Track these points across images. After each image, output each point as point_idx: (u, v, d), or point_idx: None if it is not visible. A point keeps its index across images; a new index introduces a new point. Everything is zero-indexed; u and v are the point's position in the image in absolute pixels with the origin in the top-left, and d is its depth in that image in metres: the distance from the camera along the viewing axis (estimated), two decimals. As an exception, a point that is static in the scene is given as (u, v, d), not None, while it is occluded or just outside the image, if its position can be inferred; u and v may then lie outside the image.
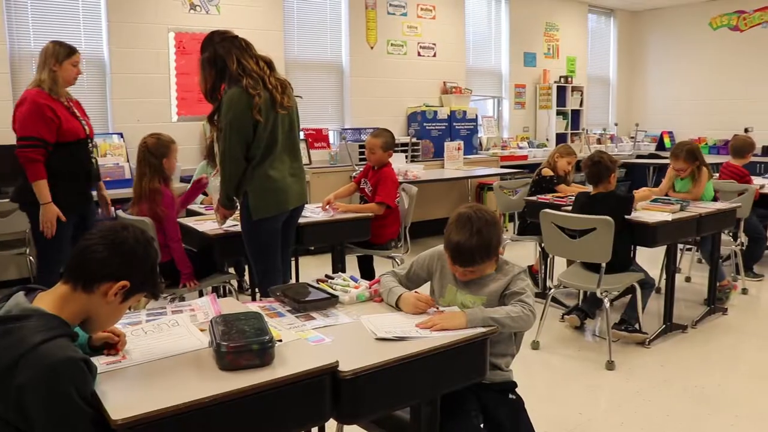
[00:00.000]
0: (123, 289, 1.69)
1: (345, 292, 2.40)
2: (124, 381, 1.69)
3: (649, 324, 4.44)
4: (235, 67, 3.33)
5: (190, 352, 1.85)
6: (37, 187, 3.85)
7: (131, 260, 1.70)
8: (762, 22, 9.86)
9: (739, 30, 10.09)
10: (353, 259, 4.91)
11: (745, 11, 9.99)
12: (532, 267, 5.60)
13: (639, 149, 10.61)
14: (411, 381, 1.93)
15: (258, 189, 3.46)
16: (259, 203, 3.46)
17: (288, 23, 7.17)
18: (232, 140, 3.34)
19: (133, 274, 1.71)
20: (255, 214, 3.46)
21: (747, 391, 3.65)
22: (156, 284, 1.81)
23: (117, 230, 1.73)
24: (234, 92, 3.32)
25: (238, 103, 3.30)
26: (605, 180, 4.22)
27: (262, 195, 3.46)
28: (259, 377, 1.68)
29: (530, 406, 3.20)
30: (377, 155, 4.71)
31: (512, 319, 2.18)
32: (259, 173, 3.45)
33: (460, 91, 8.46)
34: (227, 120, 3.32)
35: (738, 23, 10.10)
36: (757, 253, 6.00)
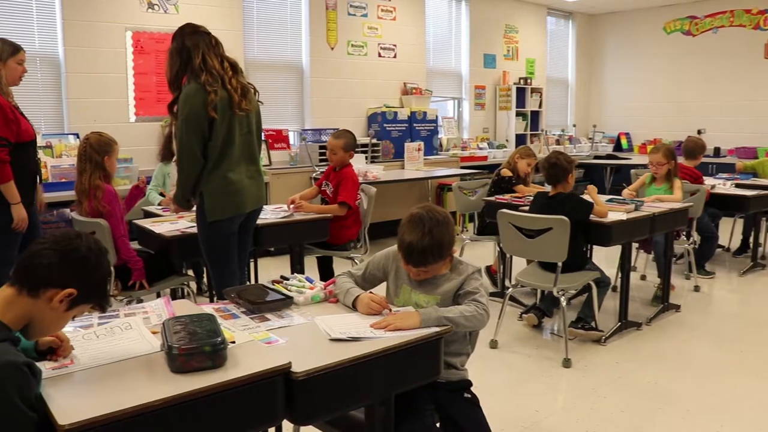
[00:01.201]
0: (69, 297, 1.66)
1: (300, 293, 2.40)
2: (71, 385, 1.66)
3: (605, 322, 4.52)
4: (198, 61, 3.32)
5: (142, 356, 1.83)
6: (8, 188, 3.78)
7: (80, 269, 1.67)
8: (713, 27, 10.11)
9: (691, 35, 10.33)
10: (314, 260, 4.91)
11: (697, 17, 10.22)
12: (491, 267, 5.66)
13: (597, 150, 10.79)
14: (365, 381, 1.94)
15: (214, 190, 3.42)
16: (215, 205, 3.43)
17: (248, 23, 7.12)
18: (188, 137, 3.32)
19: (81, 284, 1.67)
20: (210, 216, 3.43)
21: (697, 386, 3.74)
22: (105, 297, 1.78)
23: (71, 238, 1.70)
24: (191, 88, 3.31)
25: (194, 98, 3.28)
26: (563, 180, 4.28)
27: (217, 197, 3.43)
28: (211, 379, 1.67)
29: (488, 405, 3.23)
30: (339, 156, 4.71)
31: (466, 318, 2.20)
32: (215, 175, 3.41)
33: (420, 92, 8.50)
34: (183, 117, 3.30)
35: (690, 28, 10.33)
36: (709, 252, 6.15)
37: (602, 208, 4.26)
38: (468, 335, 2.48)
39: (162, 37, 6.42)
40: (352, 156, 4.80)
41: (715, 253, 6.45)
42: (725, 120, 9.97)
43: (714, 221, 6.22)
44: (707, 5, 10.06)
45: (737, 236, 6.96)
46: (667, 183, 5.30)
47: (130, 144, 6.02)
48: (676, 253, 6.20)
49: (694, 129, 10.08)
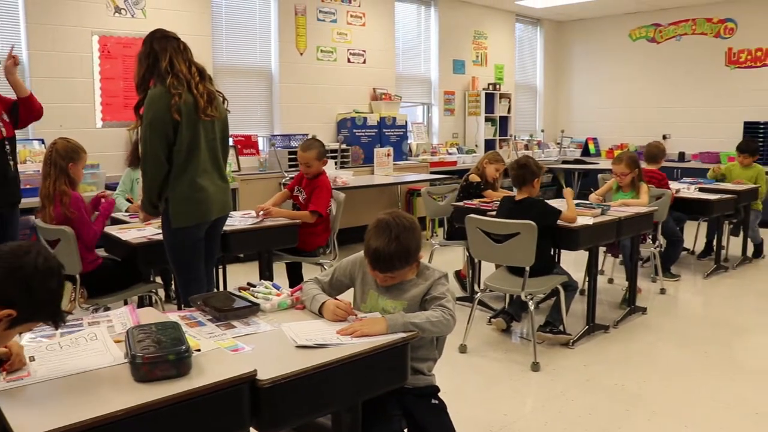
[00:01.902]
0: (8, 317, 1.59)
1: (266, 300, 2.39)
2: (29, 398, 1.63)
3: (573, 325, 4.56)
4: (165, 64, 3.31)
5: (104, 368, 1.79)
6: None
7: (24, 289, 1.59)
8: (676, 35, 10.28)
9: (656, 42, 10.50)
10: (283, 266, 4.88)
11: (661, 24, 10.40)
12: (460, 271, 5.68)
13: (565, 155, 10.90)
14: (332, 388, 1.93)
15: (179, 197, 3.40)
16: (180, 211, 3.40)
17: (216, 28, 7.08)
18: (152, 140, 3.29)
19: (24, 303, 1.59)
20: (175, 222, 3.40)
21: (663, 387, 3.79)
22: (54, 315, 1.69)
23: (19, 254, 1.62)
24: (156, 91, 3.29)
25: (159, 102, 3.27)
26: (529, 183, 4.31)
27: (183, 203, 3.40)
28: (175, 388, 1.65)
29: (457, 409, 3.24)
30: (314, 167, 4.69)
31: (432, 323, 2.20)
32: (181, 180, 3.39)
33: (389, 97, 8.52)
34: (147, 120, 3.29)
35: (655, 35, 10.50)
36: (674, 255, 6.24)
37: (572, 214, 4.30)
38: (435, 341, 2.49)
39: (129, 42, 6.35)
40: (325, 163, 4.80)
41: (681, 256, 6.55)
42: (689, 125, 10.15)
43: (679, 225, 6.32)
44: (671, 13, 10.24)
45: (702, 239, 7.08)
46: (634, 189, 5.38)
47: (97, 150, 5.94)
48: (643, 257, 6.31)
49: (659, 134, 10.25)
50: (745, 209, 6.68)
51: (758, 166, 6.98)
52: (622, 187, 5.45)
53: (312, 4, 7.84)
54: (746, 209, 6.69)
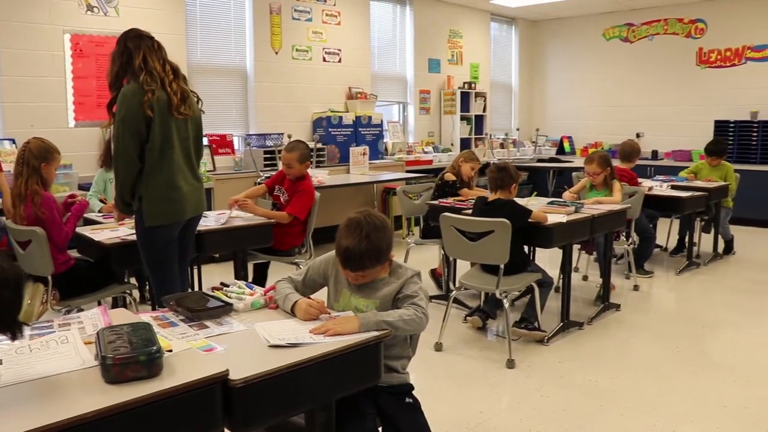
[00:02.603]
0: None
1: (240, 300, 2.38)
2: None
3: (548, 322, 4.60)
4: (138, 62, 3.30)
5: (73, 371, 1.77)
6: None
7: None
8: (649, 35, 10.40)
9: (629, 41, 10.61)
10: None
11: (634, 24, 10.51)
12: (436, 270, 5.71)
13: (540, 153, 10.98)
14: (305, 387, 1.93)
15: (153, 195, 3.37)
16: (154, 210, 3.38)
17: (191, 27, 7.03)
18: (125, 137, 3.27)
19: None
20: (148, 221, 3.38)
21: (636, 383, 3.84)
22: (9, 326, 1.63)
23: None
24: (128, 88, 3.28)
25: (131, 99, 3.25)
26: (506, 188, 4.34)
27: (157, 202, 3.38)
28: (146, 389, 1.64)
29: (433, 407, 3.26)
30: (295, 169, 4.70)
31: (405, 322, 2.21)
32: (156, 179, 3.36)
33: (365, 96, 8.52)
34: (119, 117, 3.26)
35: (628, 35, 10.61)
36: (647, 252, 6.32)
37: (542, 213, 4.35)
38: (408, 339, 2.49)
39: (102, 40, 6.29)
40: (308, 166, 4.80)
41: (654, 253, 6.63)
42: (662, 124, 10.27)
43: (652, 222, 6.41)
44: (643, 13, 10.35)
45: (674, 236, 7.18)
46: (607, 188, 5.44)
47: (70, 150, 5.87)
48: (617, 254, 6.38)
49: (633, 132, 10.37)
50: (716, 206, 6.79)
51: (727, 164, 7.09)
52: (596, 186, 5.51)
53: (287, 3, 7.82)
54: (717, 206, 6.80)
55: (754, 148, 9.10)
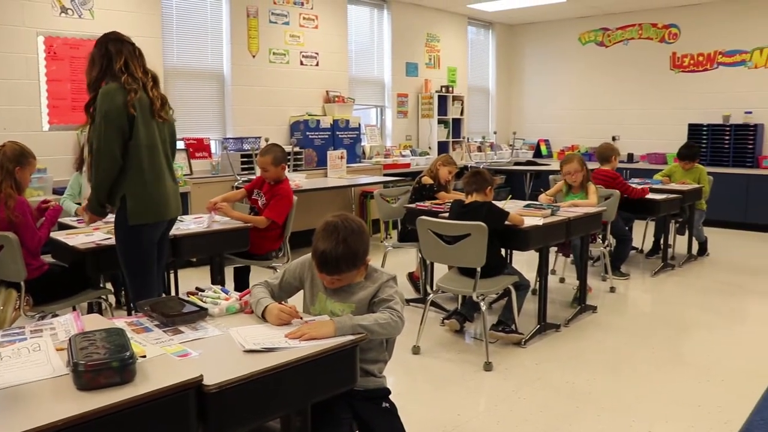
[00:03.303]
0: None
1: (215, 305, 2.37)
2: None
3: (525, 324, 4.62)
4: (119, 65, 3.29)
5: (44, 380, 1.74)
6: None
7: None
8: (623, 39, 10.51)
9: (604, 46, 10.71)
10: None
11: (609, 29, 10.61)
12: (414, 273, 5.71)
13: (517, 156, 11.03)
14: (280, 392, 1.92)
15: (138, 194, 3.35)
16: (139, 209, 3.35)
17: (167, 30, 6.98)
18: (107, 134, 3.23)
19: None
20: (132, 219, 3.34)
21: (612, 384, 3.88)
22: None
23: None
24: (110, 87, 3.26)
25: (114, 96, 3.23)
26: (482, 191, 4.36)
27: (142, 200, 3.36)
28: (119, 395, 1.62)
29: (410, 410, 3.26)
30: (271, 172, 4.69)
31: (381, 325, 2.21)
32: (140, 178, 3.34)
33: (342, 100, 8.51)
34: (102, 113, 3.22)
35: (603, 39, 10.71)
36: (624, 254, 6.38)
37: (519, 216, 4.38)
38: (385, 342, 2.49)
39: (77, 43, 6.23)
40: (284, 169, 4.78)
41: (630, 255, 6.69)
42: (637, 127, 10.38)
43: (628, 224, 6.47)
44: (618, 18, 10.46)
45: (649, 238, 7.25)
46: (583, 190, 5.49)
47: (44, 153, 5.77)
48: (593, 256, 6.43)
49: (609, 136, 10.46)
50: (690, 209, 6.87)
51: (700, 166, 7.18)
52: (573, 188, 5.55)
53: (264, 6, 7.80)
54: (691, 209, 6.88)
55: (726, 151, 9.24)
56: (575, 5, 9.86)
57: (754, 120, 9.19)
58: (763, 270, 6.72)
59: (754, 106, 9.24)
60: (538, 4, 9.73)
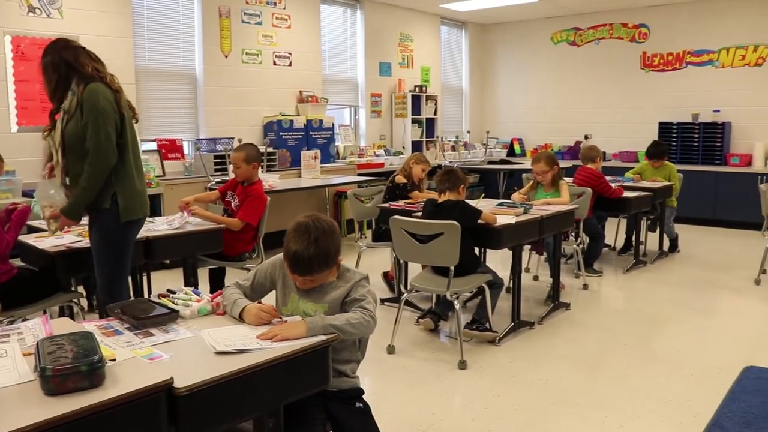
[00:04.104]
0: None
1: (186, 307, 2.35)
2: None
3: (499, 322, 4.65)
4: (90, 70, 3.27)
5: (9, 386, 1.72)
6: None
7: None
8: (595, 39, 10.62)
9: (576, 45, 10.81)
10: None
11: (580, 28, 10.72)
12: (388, 272, 5.72)
13: (491, 155, 11.09)
14: (252, 393, 1.92)
15: (130, 190, 3.36)
16: (131, 204, 3.36)
17: (138, 30, 6.91)
18: (106, 130, 3.21)
19: None
20: (125, 216, 3.33)
21: (585, 380, 3.91)
22: None
23: None
24: (97, 86, 3.23)
25: (105, 93, 3.23)
26: (455, 189, 4.38)
27: (133, 196, 3.37)
28: (88, 399, 1.61)
29: (385, 409, 3.26)
30: (242, 169, 4.68)
31: (353, 325, 2.21)
32: (130, 175, 3.37)
33: (316, 100, 8.49)
34: (97, 111, 3.19)
35: (575, 39, 10.81)
36: (596, 251, 6.45)
37: (492, 215, 4.40)
38: (358, 342, 2.49)
39: (46, 43, 6.08)
40: (256, 168, 4.76)
41: (602, 253, 6.76)
42: (609, 126, 10.49)
43: (600, 222, 6.53)
44: (589, 18, 10.57)
45: (622, 235, 7.33)
46: (555, 188, 5.53)
47: (13, 155, 5.70)
48: (566, 254, 6.49)
49: (581, 134, 10.57)
50: (661, 206, 6.96)
51: (670, 164, 7.28)
52: (545, 186, 5.60)
53: (236, 6, 7.75)
54: (662, 206, 6.97)
55: (695, 149, 9.38)
56: (547, 5, 9.93)
57: (722, 118, 9.34)
58: (732, 265, 6.83)
59: (721, 105, 9.39)
60: (510, 4, 9.79)
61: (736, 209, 8.74)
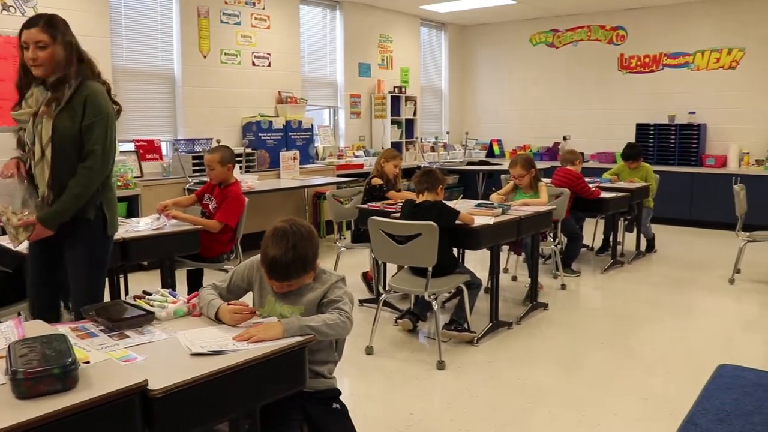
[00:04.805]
0: None
1: (162, 308, 2.33)
2: None
3: (477, 323, 4.66)
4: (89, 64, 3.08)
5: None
6: None
7: None
8: (573, 41, 10.70)
9: (554, 47, 10.88)
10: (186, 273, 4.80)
11: (559, 30, 10.79)
12: (367, 273, 5.72)
13: (470, 156, 11.12)
14: (228, 395, 1.91)
15: (112, 200, 3.18)
16: (114, 216, 3.18)
17: (115, 29, 6.85)
18: (113, 135, 3.01)
19: None
20: (111, 229, 3.16)
21: (563, 380, 3.94)
22: None
23: None
24: (99, 87, 3.03)
25: (107, 96, 3.04)
26: (433, 190, 4.39)
27: (114, 208, 3.19)
28: (60, 402, 1.60)
29: (364, 410, 3.26)
30: (217, 171, 4.65)
31: (329, 326, 2.21)
32: (111, 184, 3.19)
33: (295, 100, 8.47)
34: (107, 111, 2.98)
35: (553, 41, 10.88)
36: (574, 251, 6.49)
37: (470, 216, 4.42)
38: (335, 343, 2.49)
39: (19, 44, 6.05)
40: (231, 169, 4.74)
41: (580, 253, 6.81)
42: (587, 127, 10.57)
43: (578, 223, 6.58)
44: (568, 20, 10.64)
45: (600, 236, 7.39)
46: (534, 190, 5.57)
47: (-14, 156, 5.63)
48: (545, 254, 6.53)
49: (560, 135, 10.65)
50: (638, 206, 7.03)
51: (646, 165, 7.36)
52: (524, 188, 5.63)
53: (215, 6, 7.71)
54: (639, 206, 7.04)
55: (672, 150, 9.48)
56: (526, 7, 9.99)
57: (698, 120, 9.44)
58: (708, 265, 6.90)
59: (697, 107, 9.50)
60: (489, 6, 9.83)
61: (711, 210, 8.85)
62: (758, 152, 9.07)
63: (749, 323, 5.22)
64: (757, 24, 9.03)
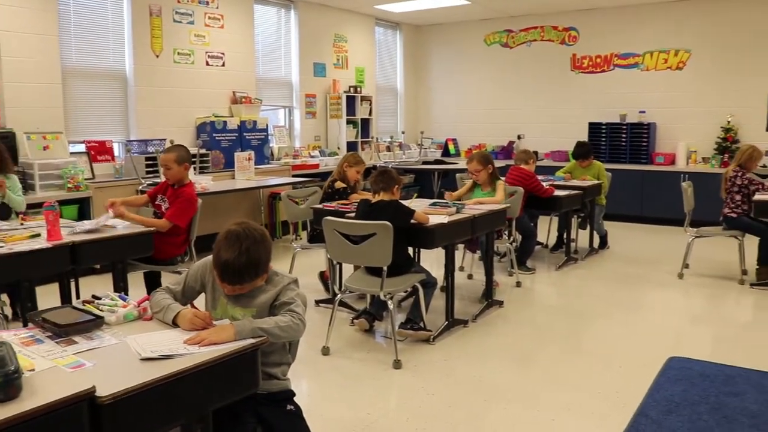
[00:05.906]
0: None
1: (112, 313, 2.29)
2: None
3: (434, 321, 4.69)
4: None
5: None
6: None
7: None
8: (527, 41, 10.83)
9: (509, 47, 11.00)
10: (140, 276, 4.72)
11: (513, 30, 10.91)
12: (324, 273, 5.70)
13: (426, 156, 11.17)
14: (179, 399, 1.89)
15: None
16: None
17: (64, 28, 6.69)
18: None
19: None
20: None
21: (518, 376, 3.99)
22: None
23: None
24: None
25: None
26: (389, 190, 4.40)
27: None
28: (2, 413, 1.56)
29: (320, 411, 3.25)
30: (173, 171, 4.58)
31: (281, 328, 2.20)
32: None
33: (250, 101, 8.40)
34: None
35: (508, 41, 11.00)
36: (529, 249, 6.58)
37: (425, 215, 4.44)
38: (288, 345, 2.48)
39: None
40: (187, 169, 4.68)
41: (535, 250, 6.90)
42: (541, 126, 10.71)
43: (532, 220, 6.66)
44: (521, 20, 10.77)
45: (554, 233, 7.50)
46: (492, 186, 5.61)
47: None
48: (500, 252, 6.60)
49: (514, 134, 10.78)
50: (591, 204, 7.14)
51: (597, 163, 7.48)
52: (482, 186, 5.67)
53: (168, 5, 7.60)
54: (591, 204, 7.15)
55: (623, 148, 9.67)
56: (480, 7, 10.07)
57: (648, 119, 9.66)
58: (657, 260, 7.06)
59: (647, 106, 9.71)
60: (444, 6, 9.89)
61: (661, 206, 9.06)
62: (705, 150, 9.31)
63: (697, 317, 5.36)
64: (701, 26, 9.28)
